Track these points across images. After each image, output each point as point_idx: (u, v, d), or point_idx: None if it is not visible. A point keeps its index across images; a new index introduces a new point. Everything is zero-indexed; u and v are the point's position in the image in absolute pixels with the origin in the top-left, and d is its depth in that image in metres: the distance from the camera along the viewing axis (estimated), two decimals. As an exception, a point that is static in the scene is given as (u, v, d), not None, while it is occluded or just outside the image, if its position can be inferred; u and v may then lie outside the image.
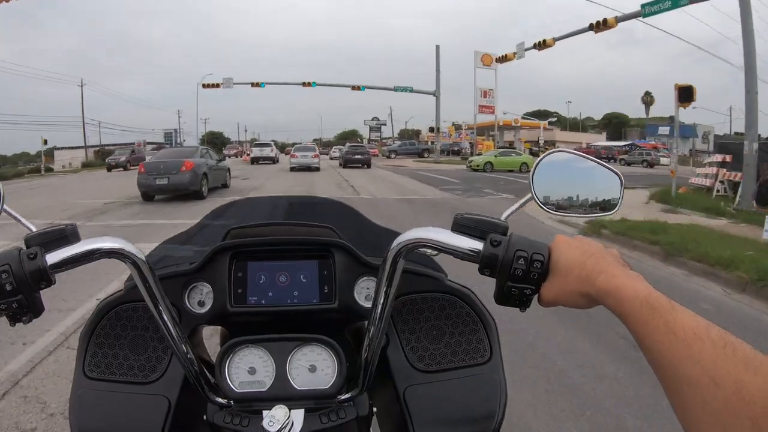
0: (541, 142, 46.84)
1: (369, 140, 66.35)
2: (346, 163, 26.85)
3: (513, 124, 50.21)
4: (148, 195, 11.83)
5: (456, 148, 49.41)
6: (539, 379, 2.76)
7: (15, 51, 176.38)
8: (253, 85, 35.47)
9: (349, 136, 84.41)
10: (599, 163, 0.67)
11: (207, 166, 12.77)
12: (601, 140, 56.64)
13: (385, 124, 75.12)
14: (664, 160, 38.09)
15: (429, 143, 52.53)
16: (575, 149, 0.71)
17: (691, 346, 0.40)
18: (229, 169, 15.33)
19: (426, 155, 44.36)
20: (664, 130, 54.71)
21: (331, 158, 39.56)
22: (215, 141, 68.29)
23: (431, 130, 49.48)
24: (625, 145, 47.33)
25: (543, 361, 3.01)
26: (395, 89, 36.13)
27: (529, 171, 0.65)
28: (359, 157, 26.86)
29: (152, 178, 11.54)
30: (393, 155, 44.11)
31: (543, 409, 2.45)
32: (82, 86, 46.31)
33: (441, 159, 37.89)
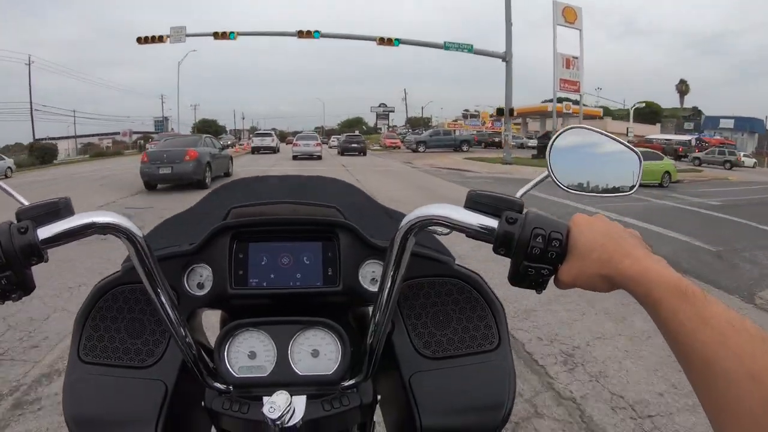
0: (631, 134, 35.73)
1: (389, 128, 60.23)
2: (344, 150, 30.01)
3: (564, 110, 35.75)
4: (151, 184, 11.89)
5: (499, 139, 39.21)
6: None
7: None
8: (216, 36, 24.59)
9: (354, 124, 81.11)
10: (618, 141, 0.65)
11: (210, 154, 12.80)
12: (655, 132, 46.03)
13: (393, 111, 70.43)
14: (746, 161, 31.17)
15: (453, 132, 42.40)
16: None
17: (726, 338, 0.37)
18: (231, 158, 15.30)
19: (466, 148, 34.48)
20: (727, 122, 47.52)
21: (330, 147, 40.80)
22: (208, 130, 63.76)
23: (501, 111, 26.10)
24: (690, 141, 38.09)
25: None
26: (446, 46, 25.21)
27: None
28: (355, 145, 30.08)
29: (155, 167, 11.59)
30: (422, 148, 33.71)
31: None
32: (29, 64, 40.66)
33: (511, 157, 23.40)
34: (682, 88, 66.40)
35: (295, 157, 24.14)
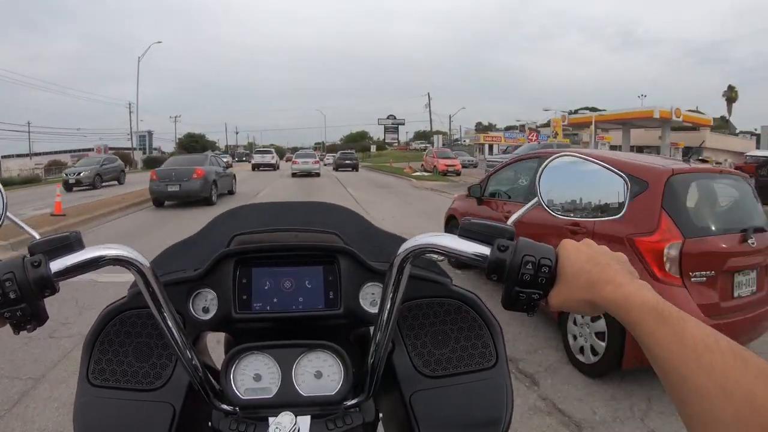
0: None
1: (447, 143, 46.86)
2: (338, 166, 32.08)
3: (674, 117, 27.16)
4: (159, 201, 12.15)
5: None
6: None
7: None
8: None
9: (357, 139, 76.71)
10: (604, 167, 0.66)
11: (216, 173, 12.97)
12: (751, 147, 30.73)
13: (403, 123, 63.76)
14: None
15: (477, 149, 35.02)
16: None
17: (701, 356, 0.39)
18: (234, 176, 15.46)
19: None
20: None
21: (325, 164, 41.34)
22: (194, 146, 54.84)
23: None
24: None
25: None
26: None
27: None
28: (348, 162, 32.24)
29: (164, 184, 11.80)
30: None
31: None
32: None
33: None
34: (732, 95, 54.99)
35: (294, 175, 24.68)
